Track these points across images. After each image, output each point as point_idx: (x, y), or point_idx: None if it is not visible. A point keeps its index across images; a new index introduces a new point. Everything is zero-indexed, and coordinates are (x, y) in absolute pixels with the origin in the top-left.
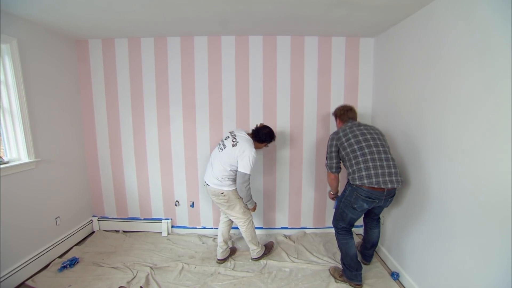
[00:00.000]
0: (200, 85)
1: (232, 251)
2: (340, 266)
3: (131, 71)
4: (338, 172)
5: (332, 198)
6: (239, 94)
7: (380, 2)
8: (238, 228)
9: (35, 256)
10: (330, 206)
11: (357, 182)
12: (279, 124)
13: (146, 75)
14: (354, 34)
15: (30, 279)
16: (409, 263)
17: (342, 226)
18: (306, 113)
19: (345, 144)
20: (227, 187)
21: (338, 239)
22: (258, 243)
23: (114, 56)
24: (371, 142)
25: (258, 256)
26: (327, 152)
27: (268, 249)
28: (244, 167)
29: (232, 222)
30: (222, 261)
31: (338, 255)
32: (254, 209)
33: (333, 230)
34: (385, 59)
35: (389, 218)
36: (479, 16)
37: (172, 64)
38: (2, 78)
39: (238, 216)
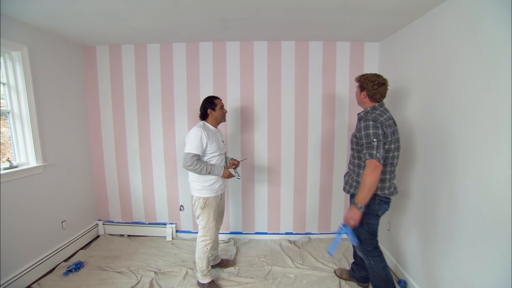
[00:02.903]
0: (205, 89)
1: (223, 263)
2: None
3: (137, 76)
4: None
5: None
6: (243, 99)
7: (384, 7)
8: (242, 233)
9: (41, 259)
10: (336, 210)
11: (379, 192)
12: (284, 128)
13: (152, 81)
14: (358, 39)
15: (36, 283)
16: (417, 272)
17: (374, 243)
18: (310, 117)
19: (388, 139)
20: (195, 192)
21: (375, 265)
22: (205, 270)
23: (121, 62)
24: (400, 144)
25: (201, 282)
26: (370, 142)
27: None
28: (186, 148)
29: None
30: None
31: (344, 261)
32: (226, 176)
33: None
34: (390, 63)
35: (396, 225)
36: (484, 21)
37: (177, 69)
38: (13, 83)
39: (199, 228)
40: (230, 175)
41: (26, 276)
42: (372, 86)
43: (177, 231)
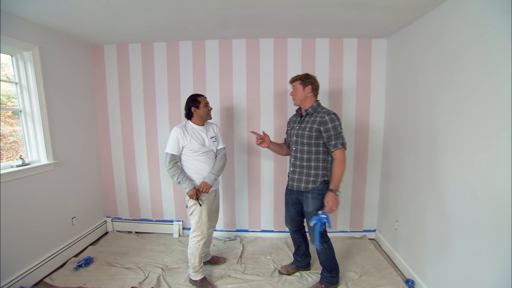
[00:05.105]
0: (211, 87)
1: (214, 260)
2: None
3: (144, 75)
4: None
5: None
6: (250, 97)
7: (392, 3)
8: (248, 231)
9: (52, 254)
10: (341, 208)
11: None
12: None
13: (159, 79)
14: (366, 35)
15: (48, 277)
16: (427, 271)
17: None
18: None
19: None
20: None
21: (328, 249)
22: (197, 267)
23: (128, 60)
24: None
25: (193, 279)
26: (339, 132)
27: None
28: (166, 147)
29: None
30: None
31: (349, 260)
32: (189, 195)
33: (345, 234)
34: (398, 59)
35: (402, 225)
36: (491, 17)
37: (183, 68)
38: (24, 83)
39: (192, 223)
40: (192, 197)
41: (38, 270)
42: (315, 82)
43: (183, 228)
